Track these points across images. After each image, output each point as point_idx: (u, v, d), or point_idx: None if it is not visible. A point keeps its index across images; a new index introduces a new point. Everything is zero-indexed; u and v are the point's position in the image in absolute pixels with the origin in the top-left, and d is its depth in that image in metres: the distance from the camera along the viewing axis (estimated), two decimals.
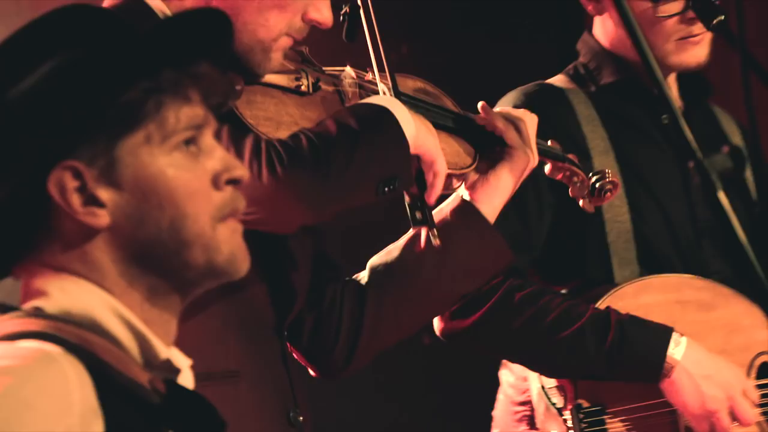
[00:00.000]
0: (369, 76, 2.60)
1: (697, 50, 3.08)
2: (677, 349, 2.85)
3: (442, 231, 2.51)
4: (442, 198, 2.67)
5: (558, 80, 3.18)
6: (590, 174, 2.78)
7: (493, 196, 2.66)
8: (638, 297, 2.94)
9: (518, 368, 3.03)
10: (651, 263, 3.01)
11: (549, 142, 2.79)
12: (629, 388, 2.91)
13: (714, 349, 2.92)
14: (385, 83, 2.56)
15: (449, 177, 2.61)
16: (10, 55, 1.75)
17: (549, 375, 2.94)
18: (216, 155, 1.81)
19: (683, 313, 2.95)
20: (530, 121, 2.70)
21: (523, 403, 3.04)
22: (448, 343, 2.91)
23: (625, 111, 3.12)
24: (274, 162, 2.34)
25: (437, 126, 2.61)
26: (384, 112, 2.45)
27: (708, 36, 3.09)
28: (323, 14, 2.50)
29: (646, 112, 3.14)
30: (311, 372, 2.64)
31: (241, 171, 1.82)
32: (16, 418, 1.60)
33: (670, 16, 3.06)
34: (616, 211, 3.00)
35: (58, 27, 1.76)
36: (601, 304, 2.92)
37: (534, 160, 2.68)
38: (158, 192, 1.76)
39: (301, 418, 2.49)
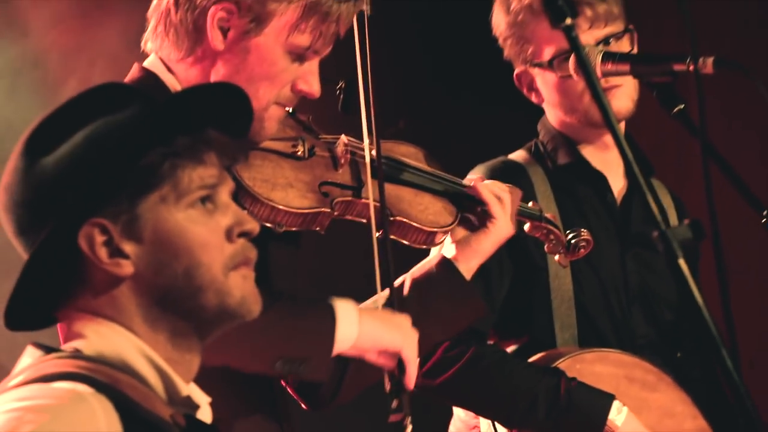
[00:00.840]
0: (364, 143, 2.80)
1: (614, 102, 3.32)
2: (619, 416, 3.15)
3: (425, 284, 2.80)
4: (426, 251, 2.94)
5: (520, 156, 3.47)
6: (567, 232, 3.03)
7: (472, 257, 2.90)
8: (594, 364, 3.22)
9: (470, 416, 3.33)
10: (587, 327, 3.30)
11: (530, 204, 3.04)
12: None
13: (646, 425, 3.20)
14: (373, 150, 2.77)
15: (433, 234, 2.86)
16: (48, 127, 1.98)
17: (504, 427, 3.22)
18: (230, 211, 2.02)
19: (628, 388, 3.23)
20: (514, 195, 2.95)
21: None
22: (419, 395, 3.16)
23: (576, 190, 3.40)
24: None
25: (422, 188, 2.87)
26: (329, 308, 2.62)
27: (624, 88, 3.33)
28: (312, 87, 2.69)
29: (595, 192, 3.43)
30: (301, 405, 2.84)
31: (252, 225, 2.03)
32: None
33: (569, 76, 3.31)
34: (561, 281, 3.29)
35: (89, 103, 2.00)
36: (561, 363, 3.20)
37: (512, 230, 2.92)
38: (174, 244, 1.97)
39: None
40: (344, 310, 2.62)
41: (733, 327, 3.23)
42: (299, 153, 2.74)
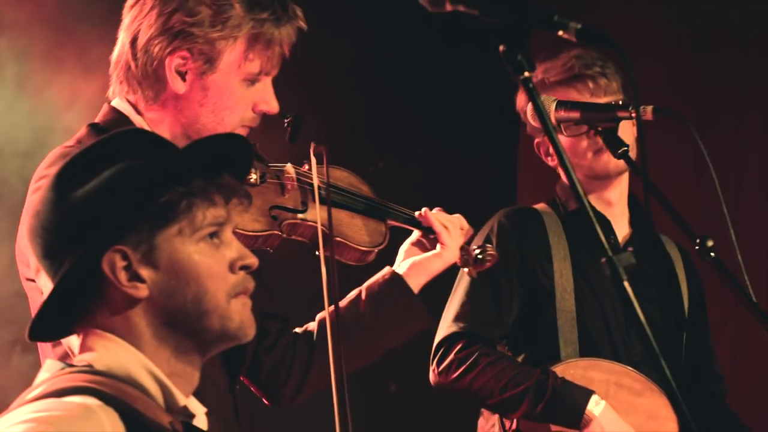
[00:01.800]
0: (305, 168, 3.05)
1: (612, 159, 3.64)
2: (597, 407, 3.61)
3: (376, 297, 3.06)
4: (363, 267, 3.17)
5: (538, 205, 3.95)
6: (474, 248, 3.22)
7: (420, 275, 3.15)
8: (586, 370, 3.72)
9: (487, 414, 3.85)
10: (587, 344, 3.76)
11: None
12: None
13: (633, 426, 3.65)
14: (320, 176, 3.01)
15: (365, 253, 3.10)
16: (79, 164, 2.21)
17: (503, 416, 3.72)
18: (233, 246, 2.25)
19: (616, 393, 3.69)
20: (460, 224, 3.19)
21: None
22: (439, 391, 3.76)
23: (583, 231, 3.82)
24: None
25: (355, 210, 3.11)
26: None
27: None
28: (271, 105, 2.94)
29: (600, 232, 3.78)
30: (265, 401, 3.10)
31: (252, 260, 2.26)
32: None
33: (577, 135, 3.69)
34: (566, 303, 3.77)
35: (117, 145, 2.22)
36: (557, 368, 3.71)
37: (458, 257, 3.16)
38: (186, 273, 2.20)
39: None
40: None
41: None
42: (252, 180, 2.95)
